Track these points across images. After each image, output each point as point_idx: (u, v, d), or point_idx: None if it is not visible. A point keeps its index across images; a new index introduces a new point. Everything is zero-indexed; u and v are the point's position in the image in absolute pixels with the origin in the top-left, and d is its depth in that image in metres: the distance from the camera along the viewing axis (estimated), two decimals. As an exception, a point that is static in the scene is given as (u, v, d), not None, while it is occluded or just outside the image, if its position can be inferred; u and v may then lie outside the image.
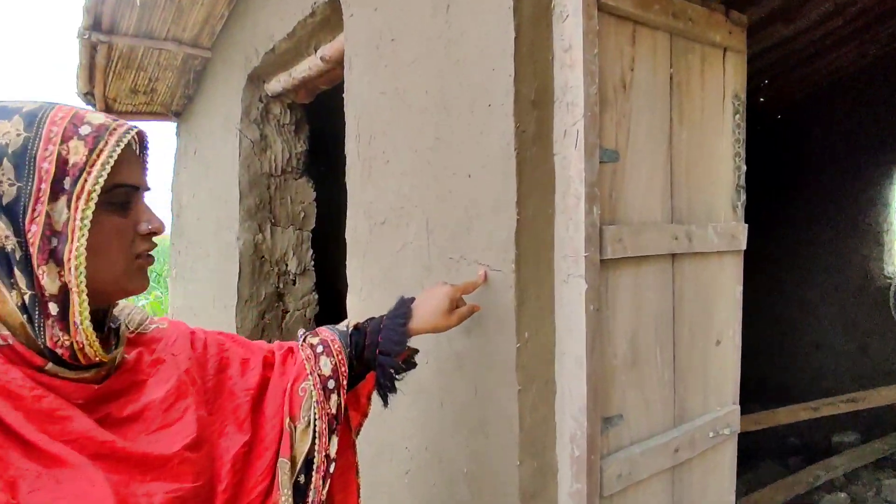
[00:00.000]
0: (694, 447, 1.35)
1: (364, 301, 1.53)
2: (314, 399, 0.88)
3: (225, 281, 2.46)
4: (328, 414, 0.88)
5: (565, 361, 1.12)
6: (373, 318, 1.01)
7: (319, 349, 0.93)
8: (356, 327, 0.98)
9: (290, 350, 0.96)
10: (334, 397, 0.90)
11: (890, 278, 4.61)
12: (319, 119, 2.70)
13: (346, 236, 1.60)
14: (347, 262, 1.60)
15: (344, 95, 1.60)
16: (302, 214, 2.55)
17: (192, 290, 2.90)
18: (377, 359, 0.95)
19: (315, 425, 0.86)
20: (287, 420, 0.86)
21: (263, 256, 2.45)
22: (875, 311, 4.37)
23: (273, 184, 2.45)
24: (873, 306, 4.38)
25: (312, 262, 2.62)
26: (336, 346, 0.93)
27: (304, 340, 0.96)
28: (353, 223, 1.58)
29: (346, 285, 1.61)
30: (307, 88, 2.33)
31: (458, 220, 1.20)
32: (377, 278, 1.47)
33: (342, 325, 0.99)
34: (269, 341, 2.53)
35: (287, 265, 2.53)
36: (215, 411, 0.83)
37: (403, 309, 0.99)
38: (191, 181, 2.91)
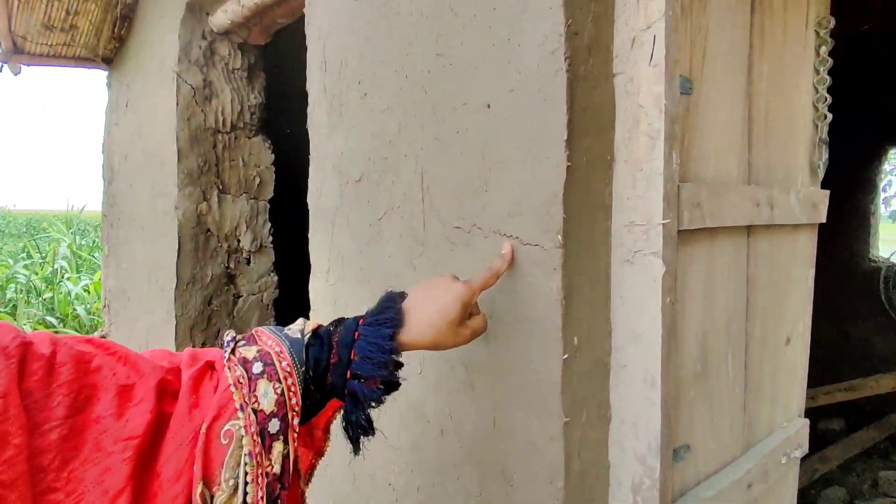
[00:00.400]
0: (767, 479, 1.03)
1: (332, 287, 1.15)
2: (245, 451, 0.54)
3: (161, 259, 2.03)
4: (268, 474, 0.54)
5: (626, 377, 0.78)
6: (342, 319, 0.64)
7: (257, 368, 0.57)
8: (316, 333, 0.61)
9: (209, 368, 0.59)
10: (279, 446, 0.56)
11: (875, 261, 4.50)
12: (283, 70, 2.26)
13: (309, 201, 1.21)
14: (310, 235, 1.22)
15: (305, 11, 1.19)
16: (257, 180, 2.13)
17: (126, 269, 2.45)
18: (347, 385, 0.60)
19: (246, 493, 0.53)
20: (199, 487, 0.53)
21: (209, 230, 2.02)
22: (859, 295, 4.27)
23: (220, 142, 2.02)
24: (857, 291, 4.28)
25: (271, 238, 2.20)
26: (284, 365, 0.57)
27: (232, 351, 0.59)
28: (317, 183, 1.19)
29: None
30: (262, 23, 1.90)
31: (470, 173, 0.83)
32: (350, 257, 1.10)
33: (295, 328, 0.62)
34: (217, 334, 2.06)
35: (239, 241, 2.12)
36: (63, 484, 0.48)
37: (391, 313, 0.63)
38: (123, 141, 2.44)
